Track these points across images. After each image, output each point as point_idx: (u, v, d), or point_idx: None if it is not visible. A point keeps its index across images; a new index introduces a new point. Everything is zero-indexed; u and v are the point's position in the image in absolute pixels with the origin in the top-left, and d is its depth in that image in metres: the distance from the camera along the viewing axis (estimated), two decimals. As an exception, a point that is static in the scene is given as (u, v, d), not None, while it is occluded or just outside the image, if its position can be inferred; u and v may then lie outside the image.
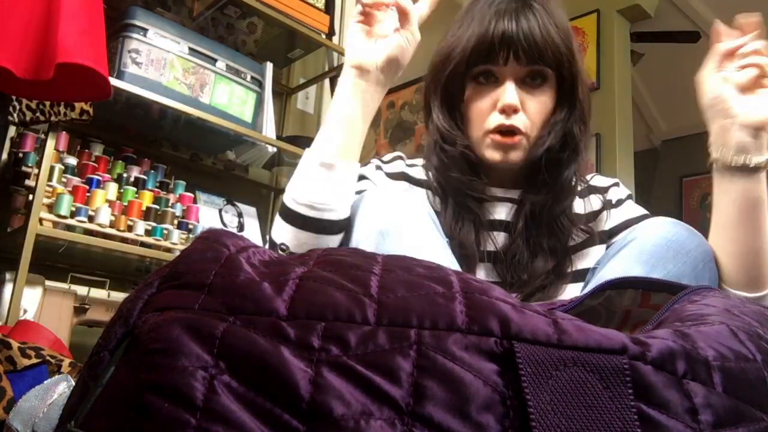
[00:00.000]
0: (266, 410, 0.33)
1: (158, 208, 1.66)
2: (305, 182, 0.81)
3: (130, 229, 1.57)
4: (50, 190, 1.46)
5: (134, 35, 1.59)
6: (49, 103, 1.37)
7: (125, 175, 1.68)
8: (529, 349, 0.36)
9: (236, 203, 2.02)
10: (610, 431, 0.33)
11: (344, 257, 0.45)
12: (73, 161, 1.57)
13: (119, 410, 0.34)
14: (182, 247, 1.65)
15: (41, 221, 1.40)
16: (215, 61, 1.75)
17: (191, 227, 1.72)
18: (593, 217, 0.95)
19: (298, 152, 1.83)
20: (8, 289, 1.35)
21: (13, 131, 1.58)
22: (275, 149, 1.95)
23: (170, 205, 1.69)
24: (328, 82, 2.32)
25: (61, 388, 0.74)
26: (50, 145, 1.40)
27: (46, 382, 0.76)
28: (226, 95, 1.77)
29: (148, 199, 1.65)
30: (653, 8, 3.29)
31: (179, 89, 1.66)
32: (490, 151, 0.89)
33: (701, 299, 0.48)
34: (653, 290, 0.57)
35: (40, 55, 1.12)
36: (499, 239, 0.90)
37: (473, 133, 0.90)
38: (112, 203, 1.56)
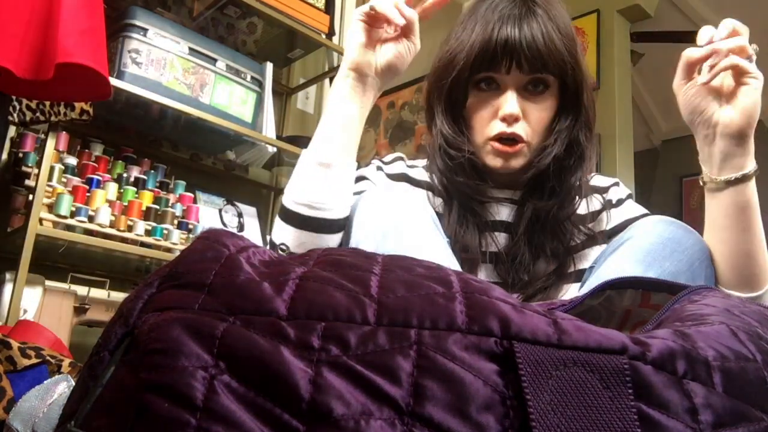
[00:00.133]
0: (266, 410, 0.33)
1: (158, 208, 1.66)
2: (303, 182, 0.81)
3: (130, 229, 1.57)
4: (50, 190, 1.46)
5: (134, 35, 1.59)
6: (49, 103, 1.37)
7: (125, 175, 1.68)
8: (529, 349, 0.36)
9: (236, 203, 2.02)
10: (610, 431, 0.33)
11: (344, 257, 0.45)
12: (73, 161, 1.57)
13: (119, 410, 0.34)
14: (182, 247, 1.65)
15: (41, 221, 1.40)
16: (215, 61, 1.75)
17: (191, 227, 1.72)
18: (594, 217, 0.95)
19: (298, 152, 1.82)
20: (8, 289, 1.35)
21: (13, 131, 1.58)
22: (275, 149, 1.95)
23: (170, 205, 1.69)
24: (328, 82, 2.32)
25: (61, 388, 0.74)
26: (50, 145, 1.40)
27: (46, 382, 0.76)
28: (226, 95, 1.77)
29: (148, 199, 1.65)
30: (653, 8, 3.28)
31: (179, 89, 1.66)
32: (491, 157, 0.89)
33: (701, 299, 0.48)
34: (653, 290, 0.57)
35: (40, 54, 1.12)
36: (500, 240, 0.90)
37: (475, 139, 0.90)
38: (112, 203, 1.56)
